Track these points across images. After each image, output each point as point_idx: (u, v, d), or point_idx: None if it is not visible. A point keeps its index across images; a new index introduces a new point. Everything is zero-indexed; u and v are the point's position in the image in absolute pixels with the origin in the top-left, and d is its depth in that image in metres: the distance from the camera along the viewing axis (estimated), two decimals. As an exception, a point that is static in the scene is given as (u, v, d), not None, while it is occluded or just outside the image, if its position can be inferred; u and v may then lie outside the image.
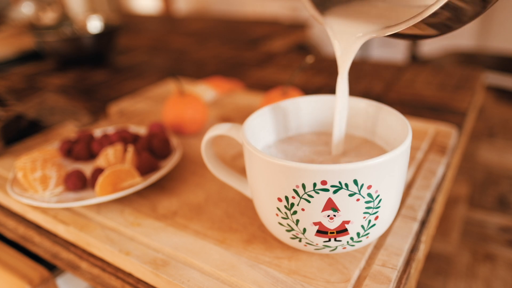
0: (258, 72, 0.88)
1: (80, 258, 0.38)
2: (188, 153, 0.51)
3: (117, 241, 0.36)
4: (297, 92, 0.53)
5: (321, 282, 0.30)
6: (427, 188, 0.41)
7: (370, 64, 0.91)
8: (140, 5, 3.20)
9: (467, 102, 0.66)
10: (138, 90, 0.79)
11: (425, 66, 0.89)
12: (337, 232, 0.29)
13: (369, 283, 0.30)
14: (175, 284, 0.31)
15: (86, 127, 0.61)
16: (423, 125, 0.53)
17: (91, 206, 0.41)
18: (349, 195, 0.27)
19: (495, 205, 1.28)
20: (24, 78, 0.93)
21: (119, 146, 0.46)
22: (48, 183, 0.42)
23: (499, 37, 2.42)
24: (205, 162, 0.38)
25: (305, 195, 0.27)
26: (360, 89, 0.75)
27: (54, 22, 1.16)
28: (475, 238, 1.16)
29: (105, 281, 0.36)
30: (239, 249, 0.34)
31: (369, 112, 0.36)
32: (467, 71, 0.81)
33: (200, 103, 0.55)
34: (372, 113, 0.36)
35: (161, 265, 0.33)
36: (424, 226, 0.36)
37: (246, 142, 0.30)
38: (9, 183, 0.44)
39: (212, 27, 1.49)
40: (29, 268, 0.41)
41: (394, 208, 0.31)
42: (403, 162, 0.29)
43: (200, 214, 0.39)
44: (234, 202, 0.40)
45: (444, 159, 0.46)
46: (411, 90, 0.73)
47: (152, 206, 0.41)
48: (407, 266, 0.32)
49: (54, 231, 0.41)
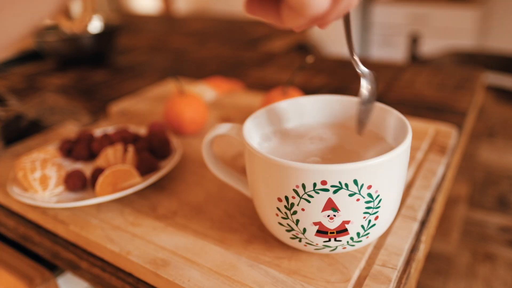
0: (258, 72, 0.88)
1: (80, 258, 0.38)
2: (188, 153, 0.51)
3: (117, 241, 0.36)
4: (297, 92, 0.53)
5: (321, 282, 0.30)
6: (427, 188, 0.41)
7: (370, 64, 0.91)
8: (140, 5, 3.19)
9: (467, 102, 0.66)
10: (138, 90, 0.79)
11: (425, 66, 0.89)
12: (337, 232, 0.29)
13: (369, 283, 0.30)
14: (175, 284, 0.31)
15: (86, 127, 0.61)
16: (423, 125, 0.53)
17: (91, 206, 0.41)
18: (349, 195, 0.27)
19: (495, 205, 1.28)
20: (24, 78, 0.93)
21: (119, 146, 0.46)
22: (48, 183, 0.42)
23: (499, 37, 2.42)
24: (205, 162, 0.38)
25: (305, 195, 0.27)
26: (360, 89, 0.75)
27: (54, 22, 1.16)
28: (475, 238, 1.16)
29: (105, 281, 0.36)
30: (239, 249, 0.34)
31: (369, 112, 0.36)
32: (467, 71, 0.81)
33: (200, 103, 0.55)
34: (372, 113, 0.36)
35: (161, 265, 0.33)
36: (424, 226, 0.36)
37: (246, 142, 0.30)
38: (9, 183, 0.44)
39: (212, 27, 1.49)
40: (30, 268, 0.41)
41: (394, 208, 0.31)
42: (403, 162, 0.29)
43: (200, 214, 0.39)
44: (234, 202, 0.40)
45: (444, 159, 0.46)
46: (411, 90, 0.73)
47: (152, 206, 0.41)
48: (407, 266, 0.32)
49: (54, 231, 0.41)
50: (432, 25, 2.42)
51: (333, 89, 0.75)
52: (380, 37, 2.61)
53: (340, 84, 0.78)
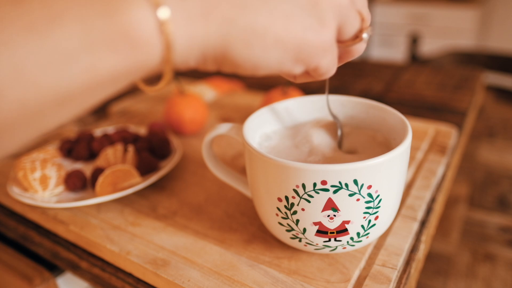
0: (258, 72, 0.88)
1: (80, 258, 0.38)
2: (188, 153, 0.51)
3: (117, 241, 0.36)
4: (297, 92, 0.53)
5: (321, 282, 0.30)
6: (427, 188, 0.41)
7: (370, 64, 0.91)
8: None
9: (467, 102, 0.66)
10: (138, 90, 0.79)
11: (425, 66, 0.89)
12: (337, 232, 0.29)
13: (369, 283, 0.30)
14: (175, 284, 0.31)
15: (86, 127, 0.61)
16: (423, 125, 0.53)
17: (91, 206, 0.41)
18: (349, 195, 0.27)
19: (495, 205, 1.28)
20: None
21: (119, 146, 0.46)
22: (48, 183, 0.42)
23: (499, 37, 2.42)
24: (205, 162, 0.38)
25: (305, 195, 0.27)
26: (360, 89, 0.75)
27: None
28: (475, 238, 1.16)
29: (105, 281, 0.36)
30: (239, 249, 0.34)
31: (369, 112, 0.36)
32: (467, 71, 0.81)
33: (200, 103, 0.55)
34: (372, 113, 0.36)
35: (161, 265, 0.33)
36: (424, 226, 0.36)
37: (246, 142, 0.30)
38: (9, 183, 0.44)
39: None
40: (29, 268, 0.41)
41: (394, 208, 0.31)
42: (403, 162, 0.29)
43: (200, 214, 0.39)
44: (234, 202, 0.40)
45: (444, 159, 0.46)
46: (411, 90, 0.73)
47: (152, 206, 0.41)
48: (407, 266, 0.32)
49: (54, 231, 0.41)
50: (432, 25, 2.42)
51: (333, 89, 0.75)
52: (380, 37, 2.61)
53: (340, 84, 0.78)
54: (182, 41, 0.19)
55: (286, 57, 0.21)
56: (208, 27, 0.19)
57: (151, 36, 0.18)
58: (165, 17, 0.18)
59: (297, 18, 0.21)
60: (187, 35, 0.19)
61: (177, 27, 0.18)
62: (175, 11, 0.18)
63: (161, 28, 0.18)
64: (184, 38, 0.19)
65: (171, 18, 0.18)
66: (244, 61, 0.21)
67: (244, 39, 0.20)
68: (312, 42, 0.21)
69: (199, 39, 0.19)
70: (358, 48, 0.25)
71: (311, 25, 0.21)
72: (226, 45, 0.20)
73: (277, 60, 0.21)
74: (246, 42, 0.20)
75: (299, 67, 0.23)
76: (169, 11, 0.18)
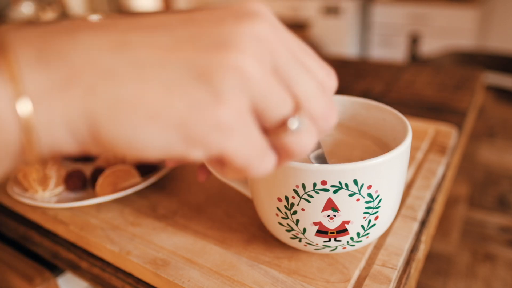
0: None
1: (80, 258, 0.38)
2: (188, 153, 0.51)
3: (117, 241, 0.36)
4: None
5: (321, 282, 0.30)
6: (427, 188, 0.41)
7: (370, 64, 0.91)
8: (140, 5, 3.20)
9: (467, 102, 0.66)
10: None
11: (425, 66, 0.89)
12: (337, 232, 0.29)
13: (369, 283, 0.30)
14: (175, 284, 0.31)
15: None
16: (423, 125, 0.53)
17: (91, 206, 0.41)
18: (349, 195, 0.27)
19: (495, 205, 1.28)
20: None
21: (119, 146, 0.46)
22: (48, 183, 0.42)
23: (499, 37, 2.42)
24: (205, 162, 0.38)
25: (305, 195, 0.27)
26: (360, 89, 0.75)
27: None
28: (475, 238, 1.16)
29: (105, 281, 0.36)
30: (239, 249, 0.34)
31: (369, 112, 0.36)
32: (467, 71, 0.81)
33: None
34: (372, 113, 0.36)
35: (161, 265, 0.33)
36: (424, 226, 0.36)
37: (246, 142, 0.30)
38: (9, 183, 0.44)
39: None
40: (29, 268, 0.41)
41: (394, 208, 0.31)
42: (403, 162, 0.29)
43: (200, 214, 0.39)
44: (234, 202, 0.40)
45: (444, 159, 0.46)
46: (411, 90, 0.73)
47: (152, 206, 0.41)
48: (407, 266, 0.32)
49: (54, 231, 0.41)
50: (432, 25, 2.42)
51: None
52: (380, 37, 2.61)
53: (340, 84, 0.78)
54: (43, 120, 0.15)
55: (171, 138, 0.17)
56: (68, 100, 0.15)
57: (4, 118, 0.14)
58: (18, 94, 0.14)
59: (182, 90, 0.16)
60: (47, 112, 0.15)
61: (36, 103, 0.15)
62: (32, 84, 0.15)
63: (13, 105, 0.14)
64: (44, 116, 0.15)
65: (28, 93, 0.15)
66: (116, 141, 0.16)
67: (110, 114, 0.16)
68: (200, 120, 0.17)
69: (58, 116, 0.15)
70: (291, 142, 0.19)
71: (200, 100, 0.16)
72: (93, 122, 0.16)
73: (159, 141, 0.17)
74: (113, 117, 0.16)
75: (197, 151, 0.17)
76: (23, 85, 0.15)
